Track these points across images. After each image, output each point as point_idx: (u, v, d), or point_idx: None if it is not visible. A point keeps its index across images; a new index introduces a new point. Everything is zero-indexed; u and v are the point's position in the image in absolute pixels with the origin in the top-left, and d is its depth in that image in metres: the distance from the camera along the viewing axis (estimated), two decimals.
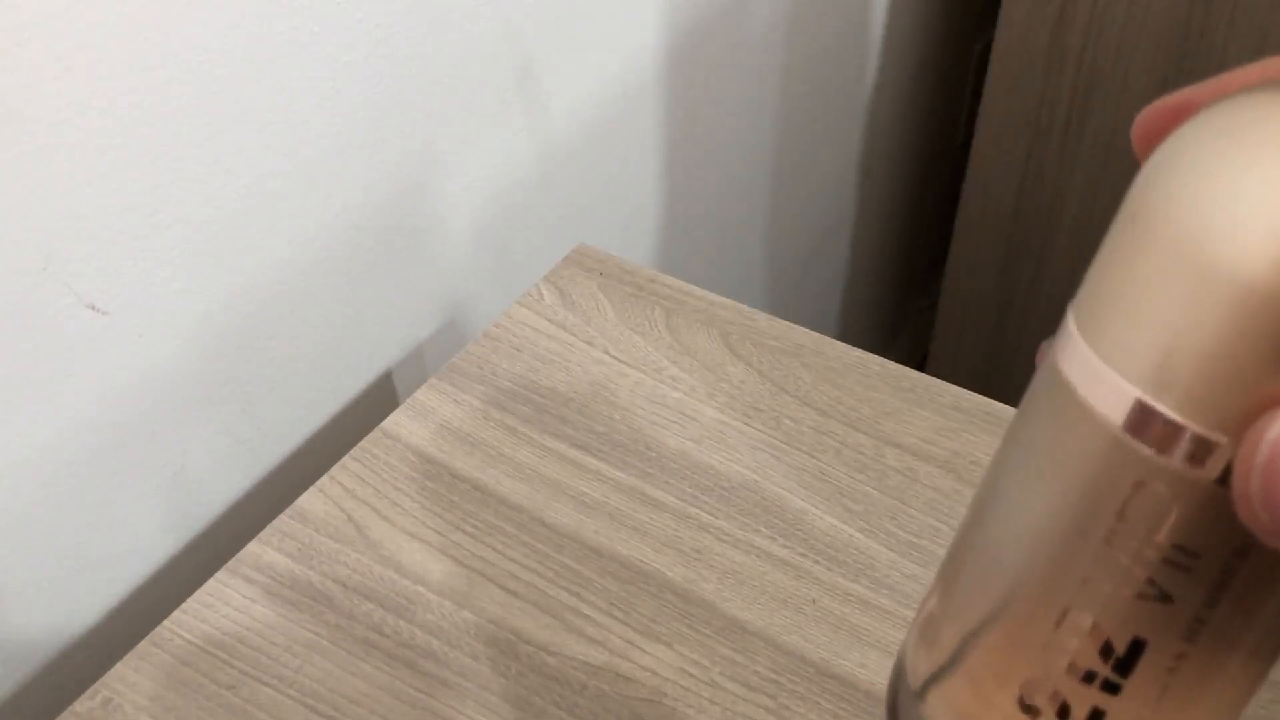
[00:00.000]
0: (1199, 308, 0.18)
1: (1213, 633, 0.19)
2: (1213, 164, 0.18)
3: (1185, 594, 0.19)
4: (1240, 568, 0.19)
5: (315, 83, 0.51)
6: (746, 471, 0.52)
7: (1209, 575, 0.19)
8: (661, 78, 0.77)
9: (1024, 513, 0.21)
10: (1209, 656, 0.20)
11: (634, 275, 0.61)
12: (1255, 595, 0.19)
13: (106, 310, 0.46)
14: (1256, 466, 0.17)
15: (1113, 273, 0.19)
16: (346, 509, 0.50)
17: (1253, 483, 0.17)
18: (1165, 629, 0.19)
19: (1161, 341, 0.18)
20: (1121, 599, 0.20)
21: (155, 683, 0.44)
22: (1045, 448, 0.20)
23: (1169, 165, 0.19)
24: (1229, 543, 0.19)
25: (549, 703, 0.43)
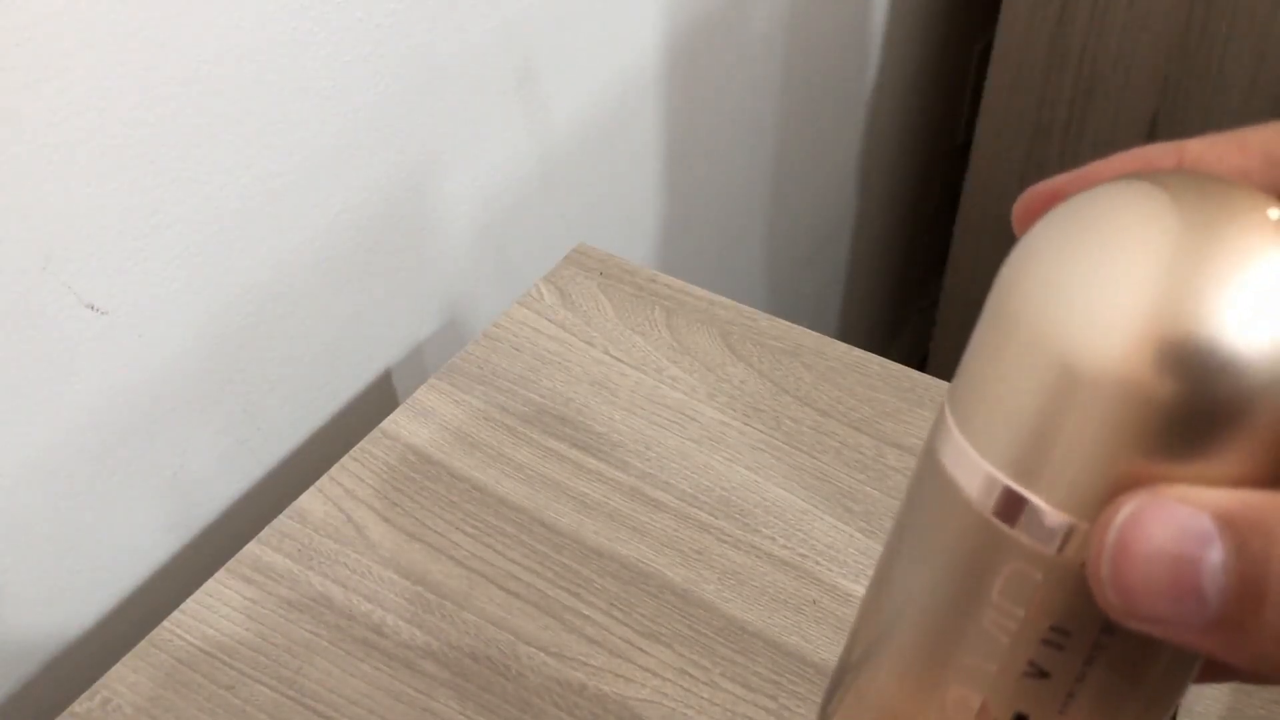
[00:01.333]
0: (1053, 397, 0.18)
1: (1085, 705, 0.20)
2: (1065, 256, 0.18)
3: (1060, 669, 0.20)
4: (1108, 643, 0.19)
5: (315, 83, 0.51)
6: (747, 472, 0.52)
7: (1081, 651, 0.20)
8: (661, 78, 0.77)
9: (909, 593, 0.22)
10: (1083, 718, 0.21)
11: (634, 275, 0.61)
12: (1123, 668, 0.20)
13: (106, 310, 0.46)
14: (1106, 550, 0.17)
15: (977, 361, 0.20)
16: (346, 509, 0.50)
17: (1103, 566, 0.17)
18: (1043, 703, 0.20)
19: (1021, 429, 0.19)
20: (1003, 677, 0.20)
21: (154, 683, 0.44)
22: (925, 531, 0.21)
23: (1027, 256, 0.19)
24: (1097, 620, 0.19)
25: (549, 703, 0.43)
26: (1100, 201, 0.19)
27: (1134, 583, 0.17)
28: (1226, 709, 0.44)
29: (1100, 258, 0.18)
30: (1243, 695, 0.44)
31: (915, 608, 0.22)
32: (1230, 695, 0.44)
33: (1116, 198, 0.19)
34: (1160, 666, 0.20)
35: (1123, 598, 0.17)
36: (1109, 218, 0.18)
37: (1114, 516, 0.17)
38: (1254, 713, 0.44)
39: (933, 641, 0.21)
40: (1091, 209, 0.19)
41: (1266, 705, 0.44)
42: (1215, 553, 0.16)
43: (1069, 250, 0.18)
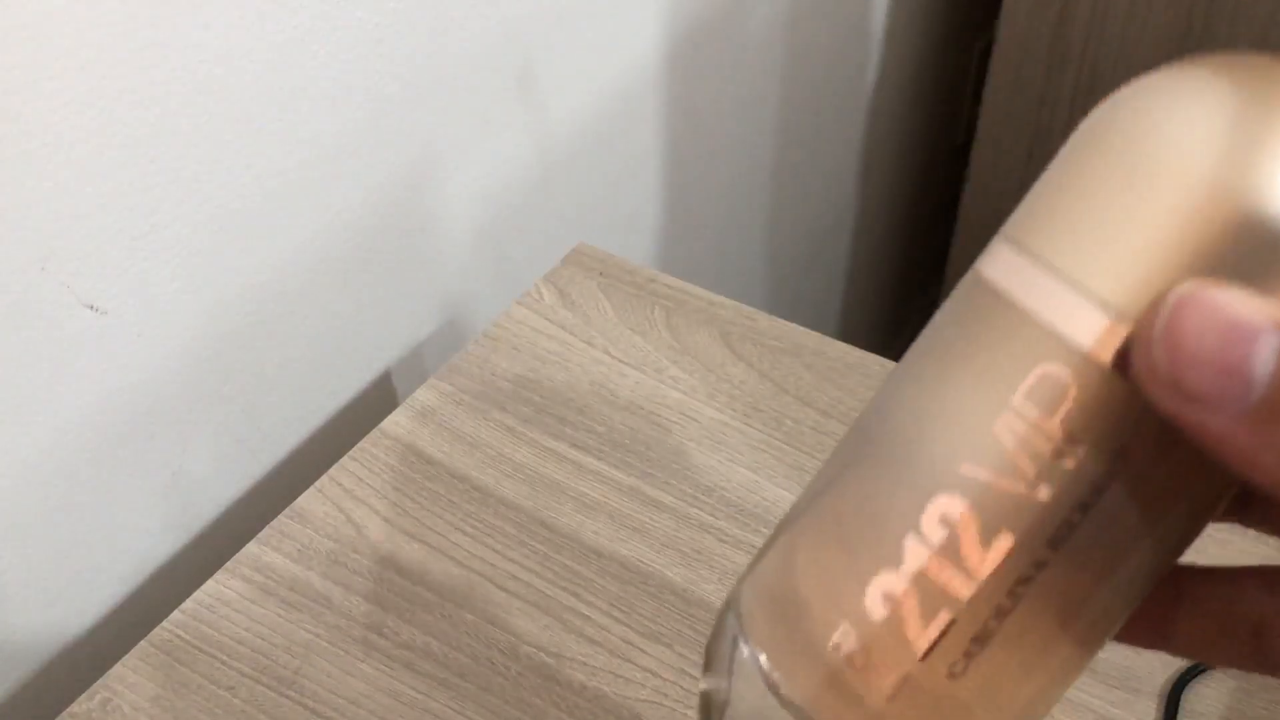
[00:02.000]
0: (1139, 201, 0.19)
1: (1078, 545, 0.19)
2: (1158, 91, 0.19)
3: (1064, 491, 0.19)
4: (1121, 474, 0.19)
5: (314, 82, 0.51)
6: (747, 472, 0.52)
7: (1091, 476, 0.19)
8: (662, 78, 0.77)
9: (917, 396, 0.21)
10: (1069, 573, 0.20)
11: (634, 275, 0.61)
12: (1127, 510, 0.19)
13: (105, 310, 0.46)
14: (1164, 314, 0.18)
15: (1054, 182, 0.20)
16: (345, 509, 0.50)
17: (1157, 328, 0.18)
18: (1034, 529, 0.19)
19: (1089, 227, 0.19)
20: (998, 489, 0.19)
21: (154, 684, 0.44)
22: (951, 339, 0.21)
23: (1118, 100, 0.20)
24: (1117, 442, 0.19)
25: (549, 704, 0.43)
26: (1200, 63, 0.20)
27: (1187, 346, 0.17)
28: (1227, 709, 0.44)
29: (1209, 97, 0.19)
30: (1244, 696, 0.44)
31: (913, 415, 0.21)
32: (1231, 695, 0.44)
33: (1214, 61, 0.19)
34: (1170, 510, 0.20)
35: (1172, 362, 0.17)
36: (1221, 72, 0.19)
37: (1178, 288, 0.18)
38: (1255, 713, 0.43)
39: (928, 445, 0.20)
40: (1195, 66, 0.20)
41: (1269, 706, 0.44)
42: (1269, 340, 0.17)
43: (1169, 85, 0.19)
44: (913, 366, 0.21)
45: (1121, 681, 0.44)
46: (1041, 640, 0.20)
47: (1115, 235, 0.19)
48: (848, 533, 0.21)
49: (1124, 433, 0.19)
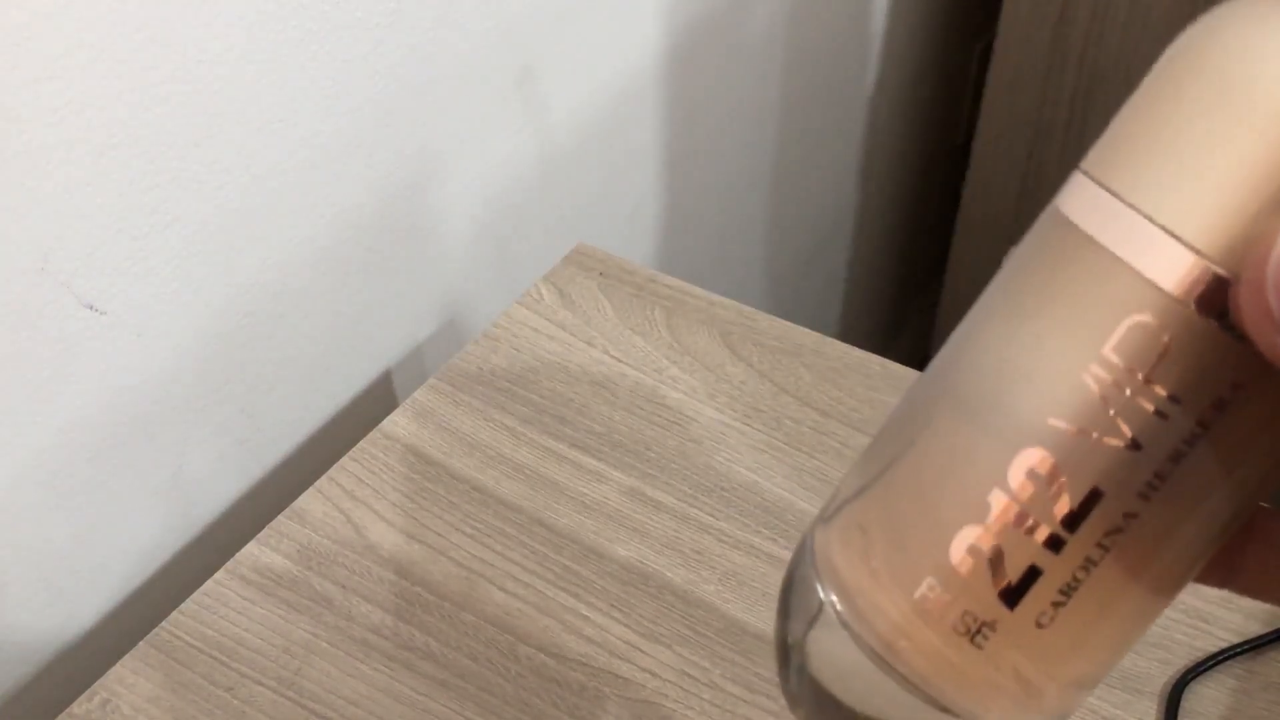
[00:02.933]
0: (1238, 139, 0.18)
1: (1168, 496, 0.19)
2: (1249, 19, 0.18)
3: (1156, 443, 0.19)
4: (1214, 424, 0.18)
5: (314, 82, 0.51)
6: (747, 472, 0.51)
7: (1184, 427, 0.18)
8: (662, 77, 0.77)
9: (1001, 345, 0.20)
10: (1157, 523, 0.19)
11: (634, 275, 0.60)
12: (1218, 459, 0.19)
13: (105, 310, 0.46)
14: (1276, 252, 0.17)
15: (1141, 115, 0.19)
16: (345, 510, 0.50)
17: (1271, 268, 0.17)
18: (1125, 481, 0.19)
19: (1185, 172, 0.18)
20: (1089, 441, 0.19)
21: (153, 684, 0.44)
22: (1037, 277, 0.20)
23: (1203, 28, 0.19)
24: (1211, 392, 0.18)
25: (549, 705, 0.43)
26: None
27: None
28: (1228, 709, 0.44)
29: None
30: (1244, 696, 0.44)
31: (998, 364, 0.20)
32: (1231, 695, 0.44)
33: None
34: (1259, 458, 0.19)
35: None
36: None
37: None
38: (1255, 713, 0.43)
39: (1014, 398, 0.19)
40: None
41: (1269, 706, 0.44)
42: None
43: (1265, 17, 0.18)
44: (995, 309, 0.21)
45: (1122, 682, 0.44)
46: (1127, 589, 0.20)
47: (1207, 174, 0.18)
48: (931, 484, 0.20)
49: (1220, 382, 0.18)
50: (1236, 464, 0.19)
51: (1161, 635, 0.46)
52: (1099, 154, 0.20)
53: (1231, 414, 0.18)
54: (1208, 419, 0.18)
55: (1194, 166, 0.18)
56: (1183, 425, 0.18)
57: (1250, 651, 0.45)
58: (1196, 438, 0.19)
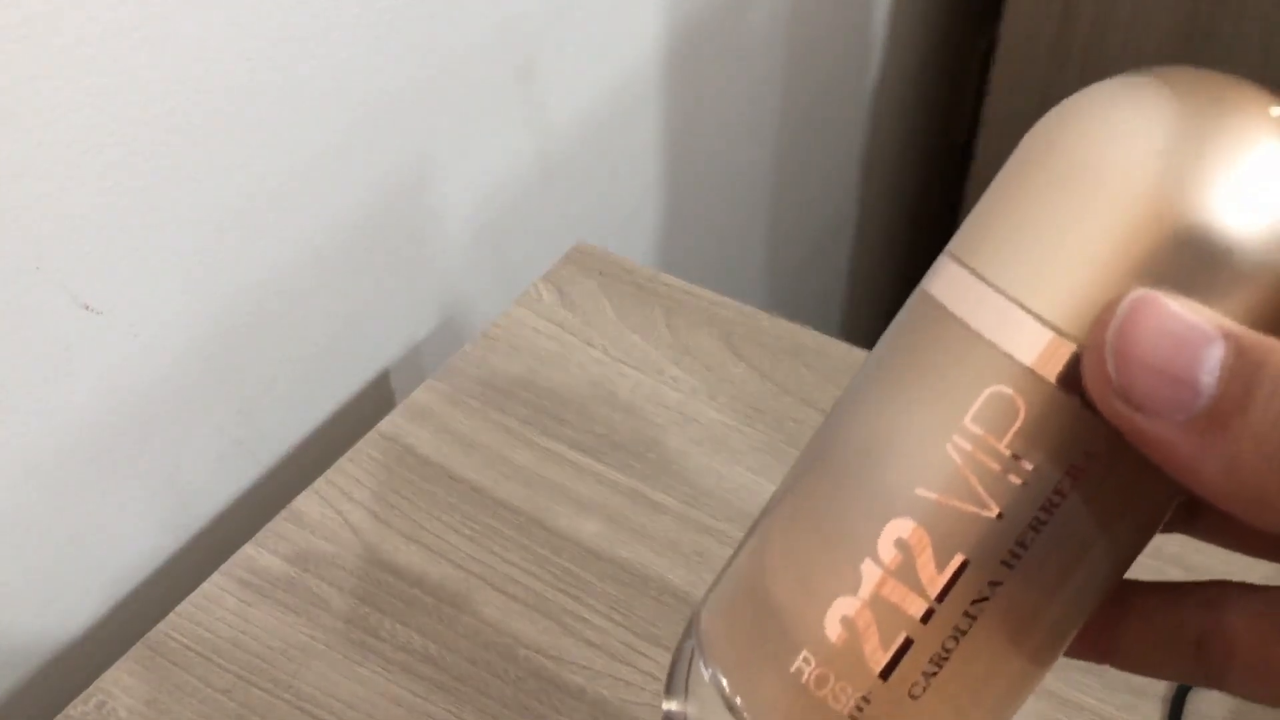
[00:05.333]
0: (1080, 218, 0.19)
1: (1032, 563, 0.19)
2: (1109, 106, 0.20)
3: (1017, 511, 0.19)
4: (1072, 491, 0.19)
5: (312, 81, 0.50)
6: (748, 473, 0.51)
7: (1042, 493, 0.19)
8: (662, 75, 0.77)
9: (870, 419, 0.21)
10: (1023, 591, 0.20)
11: (634, 275, 0.60)
12: (1079, 526, 0.19)
13: (101, 310, 0.45)
14: (1116, 320, 0.18)
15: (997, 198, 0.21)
16: (343, 511, 0.49)
17: (1109, 334, 0.18)
18: (989, 549, 0.19)
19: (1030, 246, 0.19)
20: (952, 511, 0.19)
21: (150, 686, 0.43)
22: (900, 359, 0.21)
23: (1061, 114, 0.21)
24: (1067, 459, 0.19)
25: (548, 707, 0.43)
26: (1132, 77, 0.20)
27: (1136, 355, 0.17)
28: (1231, 713, 0.43)
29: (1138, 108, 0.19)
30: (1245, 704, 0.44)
31: (866, 437, 0.21)
32: (1235, 700, 0.44)
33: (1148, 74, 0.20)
34: (1120, 523, 0.20)
35: (1121, 370, 0.17)
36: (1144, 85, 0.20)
37: (1128, 296, 0.18)
38: (1261, 715, 0.43)
39: (881, 470, 0.20)
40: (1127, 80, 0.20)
41: (1273, 712, 0.43)
42: (1215, 350, 0.17)
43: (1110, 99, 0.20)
44: (864, 386, 0.21)
45: (1126, 685, 0.44)
46: (999, 657, 0.20)
47: (1057, 251, 0.19)
48: (805, 557, 0.21)
49: (1074, 450, 0.19)
50: (1099, 530, 0.20)
51: None
52: (963, 235, 0.21)
53: (1089, 481, 0.19)
54: (1066, 486, 0.19)
55: (1042, 242, 0.19)
56: (1041, 492, 0.19)
57: None
58: (1056, 505, 0.19)
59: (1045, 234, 0.19)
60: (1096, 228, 0.19)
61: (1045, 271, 0.19)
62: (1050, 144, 0.20)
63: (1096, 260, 0.18)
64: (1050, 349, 0.19)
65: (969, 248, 0.20)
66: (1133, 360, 0.17)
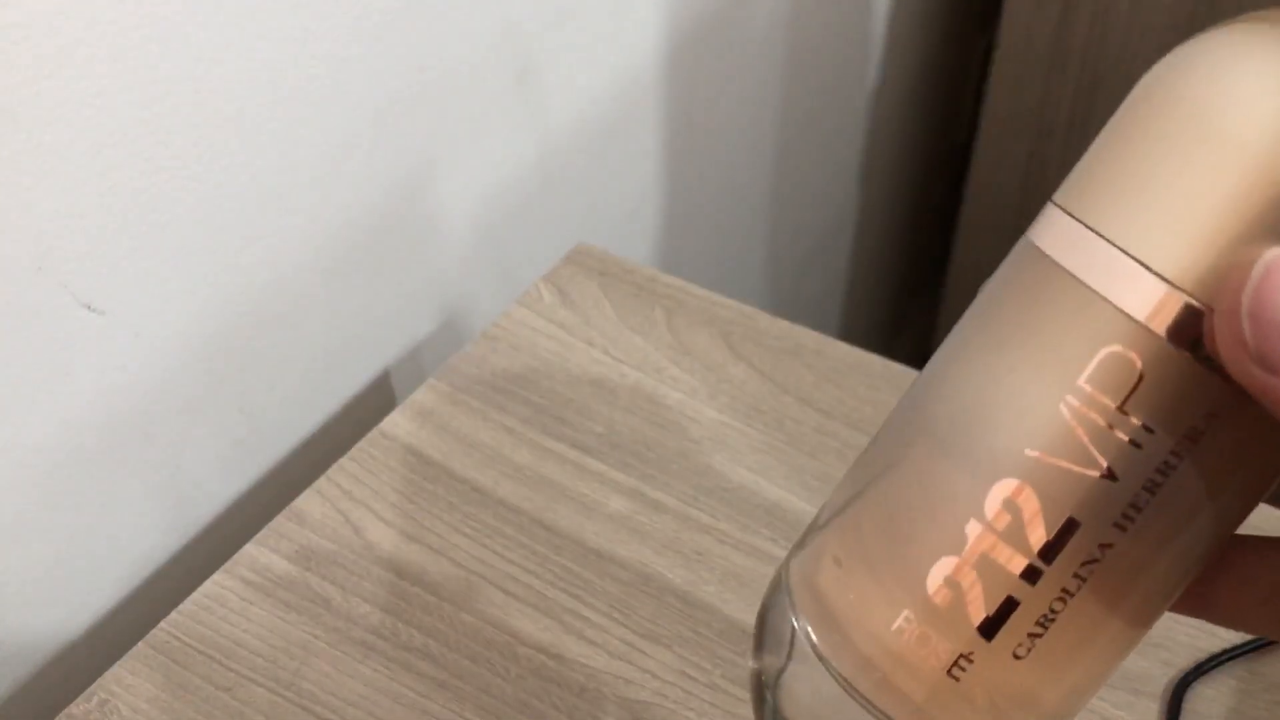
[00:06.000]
0: (1204, 171, 0.18)
1: (1143, 526, 0.19)
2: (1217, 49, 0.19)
3: (1131, 474, 0.19)
4: (1189, 454, 0.18)
5: (313, 81, 0.51)
6: (748, 473, 0.51)
7: (1158, 455, 0.19)
8: (662, 76, 0.77)
9: (976, 378, 0.20)
10: (1133, 554, 0.19)
11: (634, 275, 0.60)
12: (1194, 489, 0.19)
13: (102, 310, 0.46)
14: (1252, 280, 0.17)
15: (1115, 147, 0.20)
16: (344, 510, 0.49)
17: (1245, 296, 0.17)
18: (1100, 512, 0.19)
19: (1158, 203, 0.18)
20: (1064, 472, 0.19)
21: (152, 685, 0.44)
22: (1012, 309, 0.20)
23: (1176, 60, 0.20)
24: (1186, 422, 0.18)
25: (548, 706, 0.43)
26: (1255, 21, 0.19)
27: (1274, 317, 0.17)
28: (1229, 710, 0.43)
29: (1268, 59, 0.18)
30: (1246, 697, 0.44)
31: (974, 395, 0.20)
32: (1233, 696, 0.44)
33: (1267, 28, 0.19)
34: (1233, 487, 0.19)
35: (1260, 335, 0.17)
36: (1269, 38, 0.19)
37: (1261, 257, 0.17)
38: (1257, 714, 0.43)
39: (990, 429, 0.20)
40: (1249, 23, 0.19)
41: (1270, 707, 0.43)
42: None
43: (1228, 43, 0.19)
44: (970, 341, 0.21)
45: (1123, 683, 0.44)
46: (1104, 619, 0.20)
47: (1178, 204, 0.18)
48: (908, 517, 0.21)
49: (1193, 412, 0.18)
50: (1212, 493, 0.19)
51: (1163, 635, 0.46)
52: (1071, 186, 0.20)
53: (1206, 444, 0.18)
54: (1182, 449, 0.19)
55: (1165, 198, 0.18)
56: (1157, 455, 0.19)
57: (1253, 652, 0.45)
58: (1171, 468, 0.19)
59: (1165, 186, 0.18)
60: (1220, 181, 0.18)
61: (1165, 225, 0.18)
62: (1169, 90, 0.19)
63: (1221, 215, 0.18)
64: (1171, 308, 0.18)
65: (1080, 199, 0.19)
66: (1270, 324, 0.17)
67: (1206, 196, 0.18)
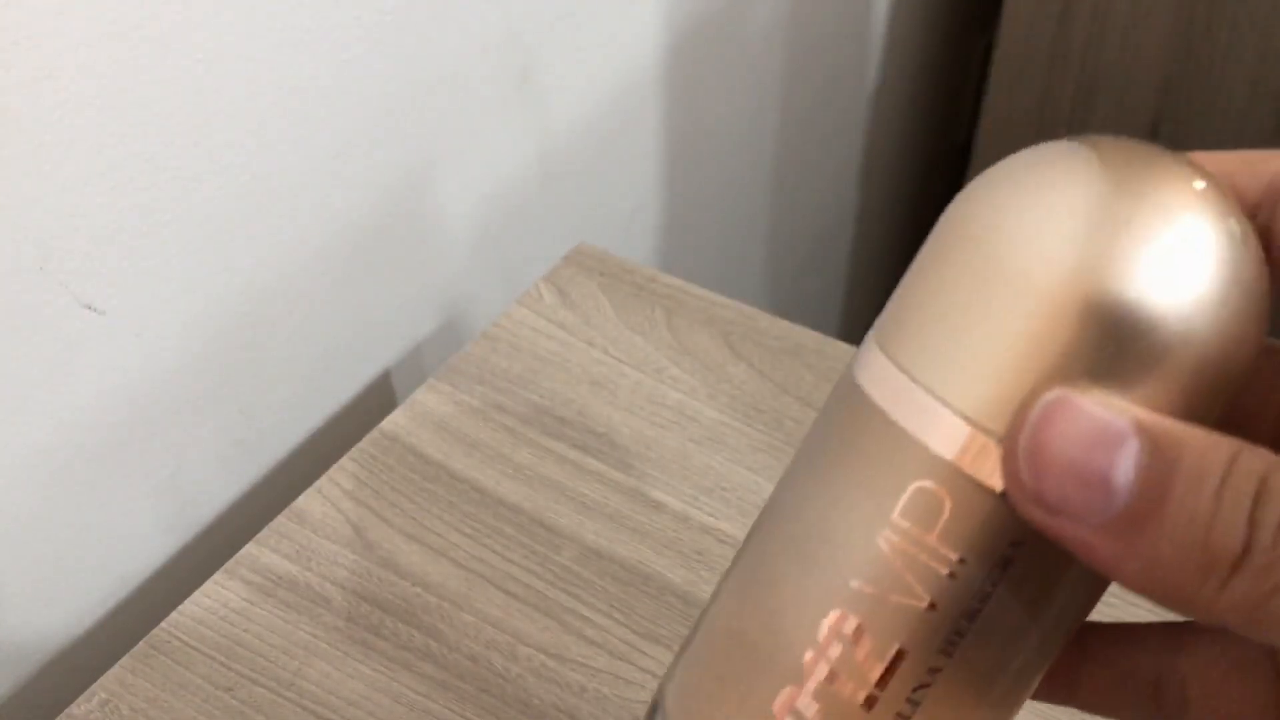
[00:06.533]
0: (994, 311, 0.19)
1: (969, 649, 0.20)
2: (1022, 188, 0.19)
3: (950, 603, 0.19)
4: (1002, 580, 0.19)
5: (313, 81, 0.51)
6: (748, 473, 0.51)
7: (973, 584, 0.19)
8: (662, 76, 0.77)
9: (804, 511, 0.21)
10: (963, 675, 0.20)
11: (634, 275, 0.60)
12: (1012, 612, 0.20)
13: (103, 310, 0.46)
14: (1028, 425, 0.18)
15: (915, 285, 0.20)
16: (344, 510, 0.50)
17: (1022, 440, 0.18)
18: (925, 639, 0.20)
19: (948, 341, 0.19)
20: (886, 604, 0.20)
21: (152, 685, 0.44)
22: (830, 449, 0.21)
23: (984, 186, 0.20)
24: (995, 551, 0.19)
25: (548, 705, 0.43)
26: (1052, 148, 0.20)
27: (1049, 462, 0.17)
28: None
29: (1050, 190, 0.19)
30: None
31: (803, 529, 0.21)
32: None
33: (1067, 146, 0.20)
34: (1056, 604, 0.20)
35: (1036, 478, 0.17)
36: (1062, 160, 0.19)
37: (1040, 399, 0.18)
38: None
39: (818, 562, 0.20)
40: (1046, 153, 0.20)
41: None
42: (1129, 449, 0.17)
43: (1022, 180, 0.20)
44: (798, 474, 0.22)
45: None
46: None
47: (971, 343, 0.19)
48: (750, 649, 0.21)
49: (1001, 541, 0.19)
50: (1034, 613, 0.20)
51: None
52: (885, 317, 0.21)
53: (1018, 571, 0.19)
54: (995, 577, 0.19)
55: (956, 334, 0.19)
56: (973, 584, 0.19)
57: None
58: (988, 595, 0.19)
59: (957, 325, 0.19)
60: (1007, 318, 0.18)
61: (960, 364, 0.19)
62: (960, 228, 0.20)
63: (1011, 353, 0.18)
64: (970, 444, 0.19)
65: (889, 334, 0.20)
66: (1047, 465, 0.17)
67: (994, 334, 0.19)
